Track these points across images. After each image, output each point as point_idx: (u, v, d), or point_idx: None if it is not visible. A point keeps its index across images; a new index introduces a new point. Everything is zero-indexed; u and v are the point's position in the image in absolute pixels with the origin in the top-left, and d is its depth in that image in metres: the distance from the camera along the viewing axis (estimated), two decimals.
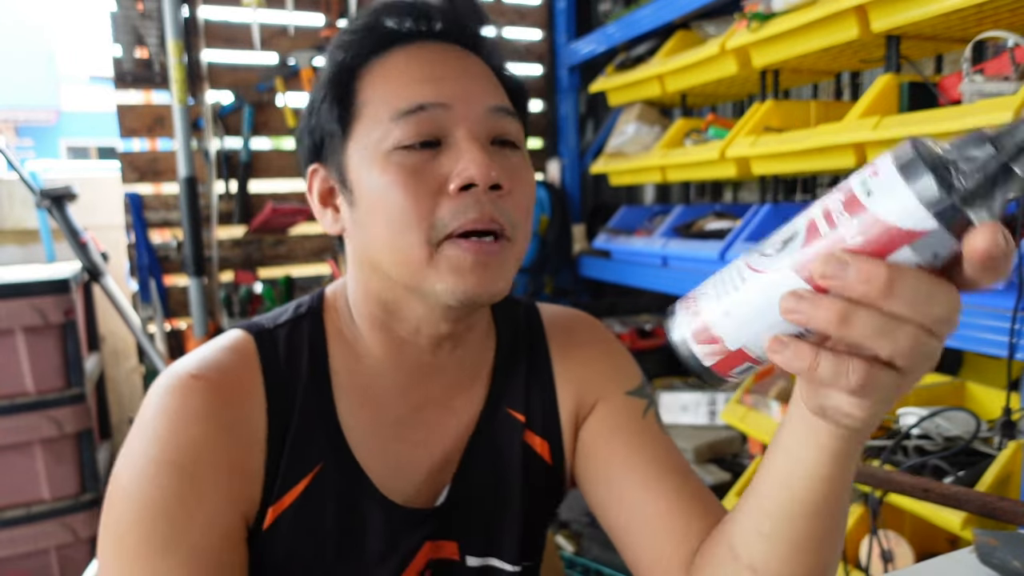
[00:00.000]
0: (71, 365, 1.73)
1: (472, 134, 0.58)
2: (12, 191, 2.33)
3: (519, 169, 0.62)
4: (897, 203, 0.32)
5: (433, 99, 0.58)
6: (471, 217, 0.57)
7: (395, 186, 0.57)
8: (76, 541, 1.72)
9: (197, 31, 2.02)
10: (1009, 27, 1.12)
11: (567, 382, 0.73)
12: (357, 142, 0.60)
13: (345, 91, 0.61)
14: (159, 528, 0.55)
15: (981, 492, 0.81)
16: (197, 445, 0.57)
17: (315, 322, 0.67)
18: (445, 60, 0.61)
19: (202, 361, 0.61)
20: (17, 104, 10.81)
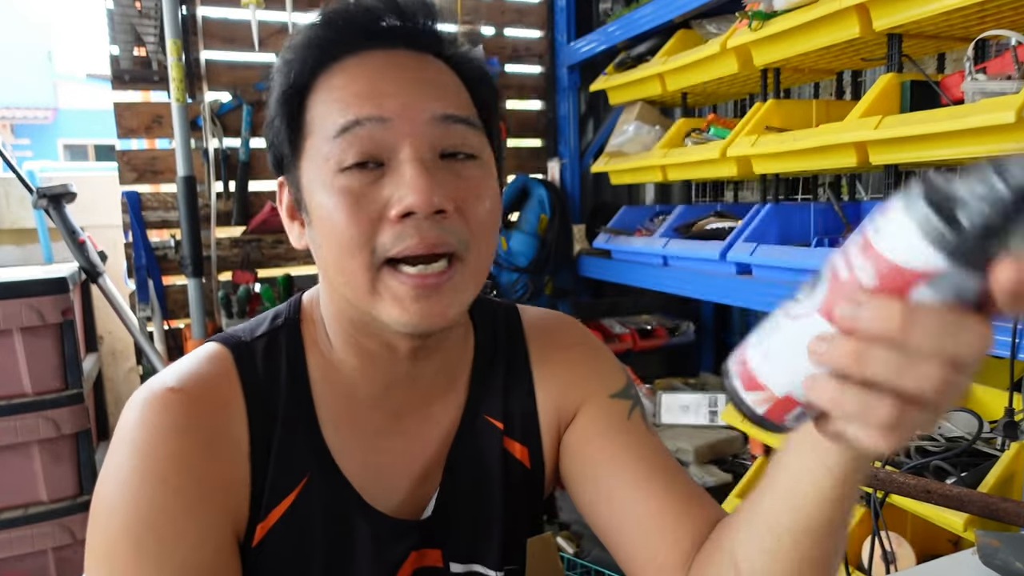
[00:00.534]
0: (69, 365, 1.72)
1: (415, 152, 0.55)
2: (9, 190, 2.32)
3: (472, 183, 0.58)
4: (902, 242, 0.32)
5: (370, 113, 0.56)
6: (410, 244, 0.55)
7: (338, 211, 0.55)
8: (74, 542, 1.72)
9: (196, 30, 2.01)
10: (1011, 26, 1.11)
11: (548, 386, 0.72)
12: (308, 161, 0.59)
13: (294, 110, 0.59)
14: (148, 543, 0.54)
15: (983, 493, 0.81)
16: (179, 458, 0.56)
17: (292, 334, 0.65)
18: (389, 69, 0.58)
19: (179, 374, 0.60)
20: (14, 103, 10.79)
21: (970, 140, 1.03)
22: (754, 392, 0.40)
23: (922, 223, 0.31)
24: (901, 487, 0.87)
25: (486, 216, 0.59)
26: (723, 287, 1.52)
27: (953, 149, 1.06)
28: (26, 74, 10.73)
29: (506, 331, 0.74)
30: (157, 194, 2.07)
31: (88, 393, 1.80)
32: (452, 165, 0.58)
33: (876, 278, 0.33)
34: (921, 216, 0.31)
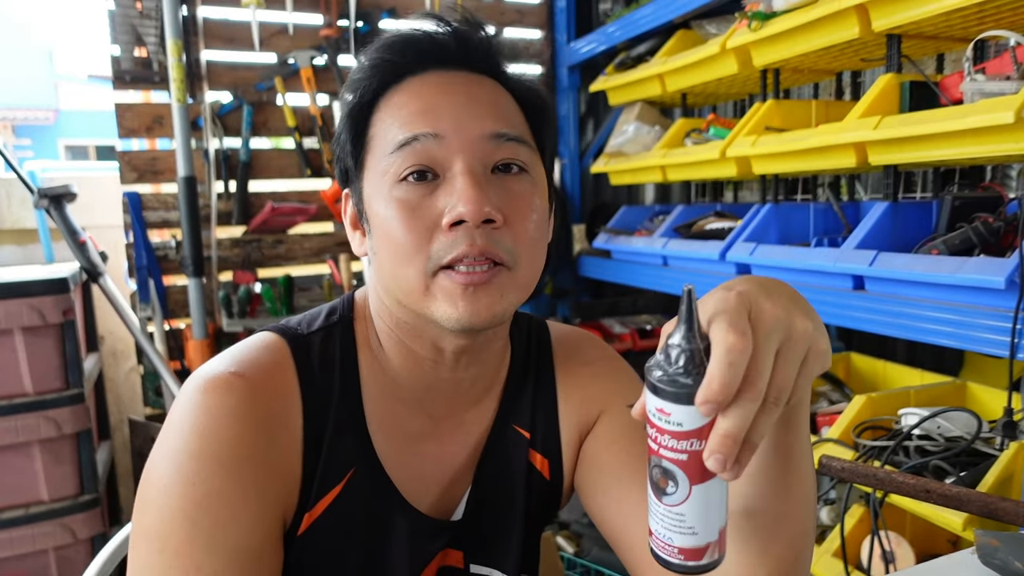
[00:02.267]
0: (70, 365, 1.72)
1: (467, 166, 0.59)
2: (10, 191, 2.32)
3: (521, 197, 0.62)
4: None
5: (425, 129, 0.60)
6: (461, 251, 0.58)
7: (395, 221, 0.59)
8: (75, 542, 1.72)
9: (196, 30, 2.01)
10: (1010, 26, 1.12)
11: (570, 400, 0.75)
12: (369, 174, 0.63)
13: (359, 127, 0.64)
14: (203, 525, 0.55)
15: (982, 493, 0.81)
16: (238, 443, 0.57)
17: (346, 331, 0.68)
18: (446, 89, 0.62)
19: (240, 360, 0.62)
20: (15, 103, 10.80)
21: (969, 140, 1.03)
22: (700, 559, 0.45)
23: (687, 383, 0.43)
24: (900, 487, 0.87)
25: (534, 228, 0.63)
26: None
27: (952, 149, 1.06)
28: (27, 75, 10.74)
29: (537, 345, 0.77)
30: (158, 194, 2.07)
31: (89, 393, 1.80)
32: (503, 179, 0.62)
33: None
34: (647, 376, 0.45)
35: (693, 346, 0.42)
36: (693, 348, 0.42)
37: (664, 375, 0.43)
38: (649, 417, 0.44)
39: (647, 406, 0.44)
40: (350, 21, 2.12)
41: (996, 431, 1.08)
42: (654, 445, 0.44)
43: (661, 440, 0.44)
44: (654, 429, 0.44)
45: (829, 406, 1.43)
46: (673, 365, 0.43)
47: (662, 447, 0.44)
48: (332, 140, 0.68)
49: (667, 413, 0.43)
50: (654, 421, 0.44)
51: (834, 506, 1.31)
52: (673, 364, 0.43)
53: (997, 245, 1.08)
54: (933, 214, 1.24)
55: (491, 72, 0.65)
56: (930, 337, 1.07)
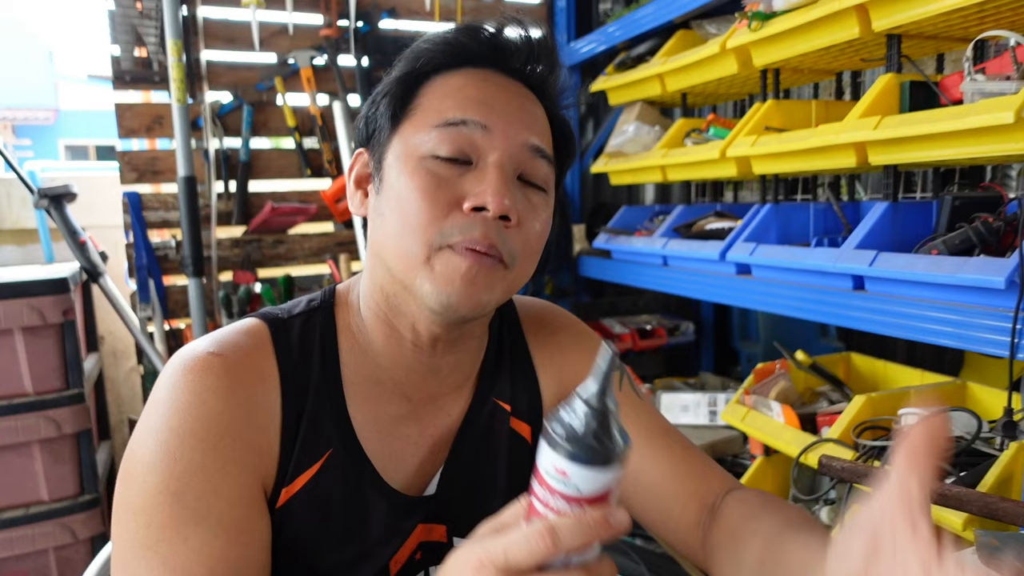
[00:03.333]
0: (70, 365, 1.72)
1: (501, 163, 0.62)
2: (10, 191, 2.33)
3: (535, 209, 0.66)
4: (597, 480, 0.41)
5: (476, 117, 0.63)
6: (473, 236, 0.60)
7: (417, 190, 0.61)
8: (75, 542, 1.72)
9: (196, 30, 2.01)
10: (1011, 26, 1.11)
11: (547, 369, 0.79)
12: (400, 138, 0.65)
13: (406, 94, 0.66)
14: (187, 498, 0.57)
15: (983, 493, 0.81)
16: (217, 418, 0.59)
17: (326, 315, 0.70)
18: (503, 91, 0.66)
19: (219, 341, 0.64)
20: (15, 103, 10.80)
21: (969, 140, 1.03)
22: None
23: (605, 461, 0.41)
24: None
25: (536, 239, 0.67)
26: (723, 287, 1.52)
27: (952, 149, 1.06)
28: (27, 75, 10.74)
29: (508, 321, 0.80)
30: (158, 194, 2.07)
31: (89, 393, 1.80)
32: (524, 188, 0.65)
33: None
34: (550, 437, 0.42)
35: (605, 408, 0.41)
36: (606, 410, 0.41)
37: (571, 434, 0.40)
38: (541, 475, 0.41)
39: (541, 462, 0.42)
40: (350, 21, 2.12)
41: (996, 431, 1.08)
42: (539, 505, 0.42)
43: (550, 501, 0.41)
44: (544, 488, 0.41)
45: (829, 406, 1.43)
46: (583, 424, 0.40)
47: (549, 508, 0.41)
48: (369, 99, 0.70)
49: (565, 474, 0.40)
50: (548, 481, 0.41)
51: (834, 506, 1.31)
52: (583, 423, 0.40)
53: (997, 245, 1.08)
54: (933, 214, 1.24)
55: (540, 94, 0.69)
56: (930, 337, 1.06)
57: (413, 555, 0.70)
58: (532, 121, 0.66)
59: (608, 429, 0.41)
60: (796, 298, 1.31)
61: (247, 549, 0.59)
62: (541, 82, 0.69)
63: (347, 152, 2.03)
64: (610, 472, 0.41)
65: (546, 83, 0.70)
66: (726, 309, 2.38)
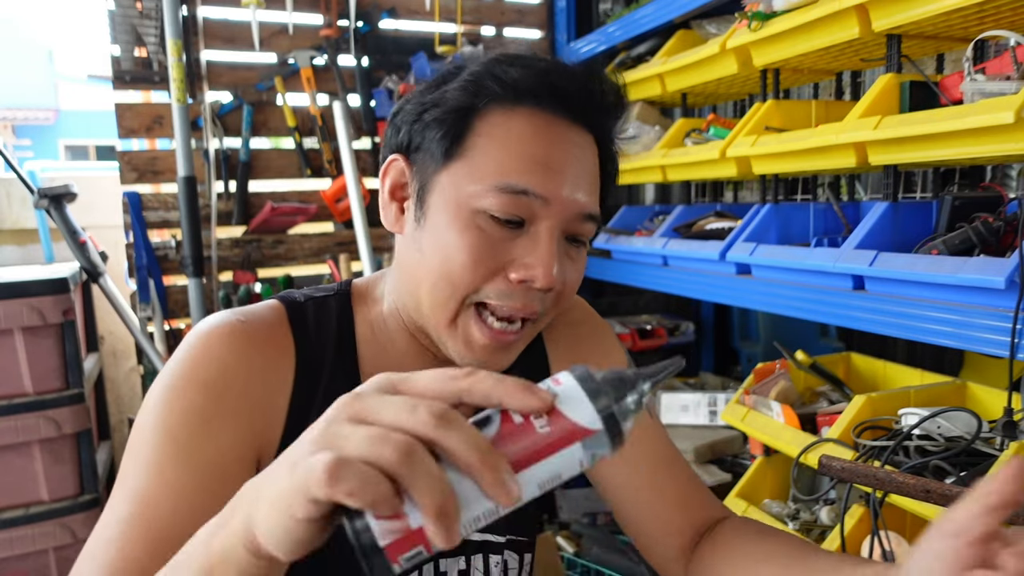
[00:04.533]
0: (70, 365, 1.72)
1: (555, 233, 0.62)
2: (10, 191, 2.33)
3: (579, 270, 0.67)
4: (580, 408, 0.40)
5: (538, 190, 0.61)
6: (512, 306, 0.61)
7: (466, 248, 0.60)
8: (75, 542, 1.72)
9: (196, 30, 2.01)
10: (1011, 26, 1.11)
11: (562, 366, 0.78)
12: (452, 177, 0.62)
13: (461, 123, 0.62)
14: (179, 436, 0.58)
15: None
16: (228, 371, 0.61)
17: (343, 303, 0.71)
18: (565, 145, 0.63)
19: (245, 311, 0.66)
20: (15, 103, 10.80)
21: (969, 140, 1.03)
22: (387, 521, 0.38)
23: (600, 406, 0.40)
24: (900, 487, 0.87)
25: (572, 293, 0.68)
26: (723, 287, 1.52)
27: (952, 149, 1.06)
28: (27, 75, 10.74)
29: None
30: (158, 194, 2.07)
31: (89, 393, 1.80)
32: (569, 249, 0.65)
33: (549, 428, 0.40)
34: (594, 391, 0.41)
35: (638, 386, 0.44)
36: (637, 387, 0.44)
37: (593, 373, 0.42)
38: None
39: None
40: (350, 21, 2.12)
41: (996, 431, 1.08)
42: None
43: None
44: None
45: (829, 406, 1.43)
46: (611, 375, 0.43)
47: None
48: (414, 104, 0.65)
49: (558, 382, 0.42)
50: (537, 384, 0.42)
51: (834, 506, 1.31)
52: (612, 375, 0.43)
53: (997, 245, 1.08)
54: (933, 214, 1.24)
55: (597, 137, 0.67)
56: (930, 337, 1.06)
57: None
58: (589, 182, 0.65)
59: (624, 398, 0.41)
60: (796, 298, 1.31)
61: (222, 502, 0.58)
62: (601, 128, 0.67)
63: (347, 152, 2.02)
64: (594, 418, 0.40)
65: (606, 128, 0.68)
66: (726, 309, 2.38)
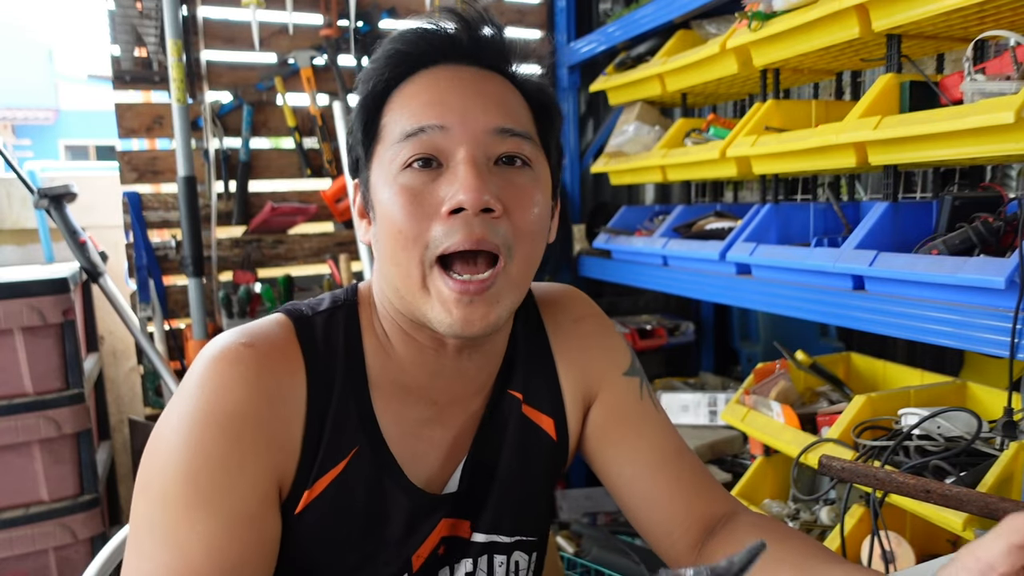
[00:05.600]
0: (70, 365, 1.72)
1: (470, 156, 0.60)
2: (11, 191, 2.32)
3: (523, 189, 0.63)
4: None
5: (432, 121, 0.61)
6: (458, 239, 0.59)
7: (397, 207, 0.61)
8: (75, 542, 1.72)
9: (196, 30, 2.01)
10: (1011, 26, 1.11)
11: (568, 362, 0.78)
12: (377, 163, 0.64)
13: (370, 117, 0.65)
14: (202, 486, 0.57)
15: (983, 493, 0.81)
16: (242, 407, 0.60)
17: (350, 314, 0.70)
18: (455, 83, 0.63)
19: (251, 333, 0.64)
20: (16, 103, 10.80)
21: (969, 140, 1.03)
22: None
23: None
24: (900, 487, 0.87)
25: (533, 221, 0.64)
26: (723, 287, 1.52)
27: (952, 149, 1.06)
28: (27, 75, 10.74)
29: (524, 309, 0.78)
30: (158, 194, 2.07)
31: (89, 393, 1.80)
32: (505, 171, 0.63)
33: None
34: None
35: None
36: None
37: None
38: None
39: None
40: (350, 21, 2.12)
41: (996, 431, 1.08)
42: None
43: None
44: None
45: (829, 406, 1.43)
46: None
47: None
48: (346, 132, 0.70)
49: None
50: None
51: (834, 506, 1.31)
52: None
53: (997, 245, 1.08)
54: (933, 214, 1.24)
55: (501, 69, 0.66)
56: (930, 337, 1.06)
57: (436, 550, 0.70)
58: (493, 103, 0.63)
59: None
60: (796, 298, 1.31)
61: (252, 546, 0.59)
62: (496, 57, 0.66)
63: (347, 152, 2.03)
64: None
65: (501, 56, 0.66)
66: (726, 309, 2.38)
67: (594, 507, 1.86)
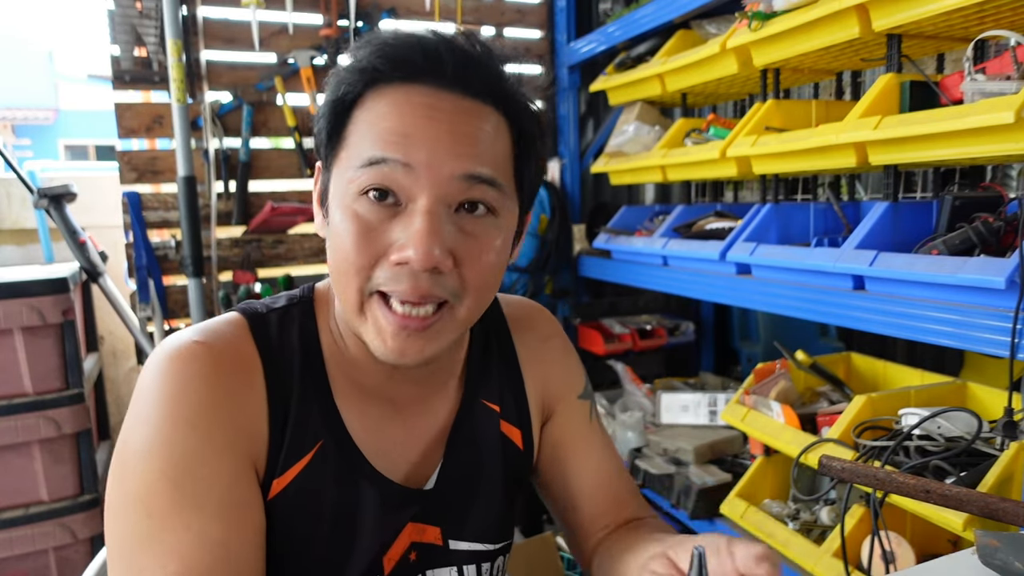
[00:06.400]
0: (69, 365, 1.72)
1: (429, 205, 0.57)
2: (10, 191, 2.32)
3: (480, 240, 0.60)
4: None
5: (397, 156, 0.57)
6: (401, 288, 0.58)
7: (348, 235, 0.59)
8: (75, 542, 1.72)
9: (196, 30, 2.01)
10: (1011, 26, 1.12)
11: (532, 375, 0.80)
12: (337, 172, 0.62)
13: (337, 120, 0.62)
14: (185, 485, 0.57)
15: (983, 493, 0.81)
16: (207, 404, 0.59)
17: (305, 311, 0.69)
18: (429, 113, 0.58)
19: (205, 331, 0.63)
20: (15, 103, 10.80)
21: (969, 140, 1.03)
22: None
23: None
24: (900, 487, 0.87)
25: (485, 272, 0.61)
26: (723, 287, 1.52)
27: (952, 149, 1.06)
28: (27, 75, 10.74)
29: (492, 320, 0.80)
30: (158, 194, 2.07)
31: (89, 393, 1.80)
32: (464, 220, 0.60)
33: None
34: None
35: None
36: None
37: None
38: None
39: None
40: (350, 21, 2.12)
41: (996, 431, 1.08)
42: None
43: None
44: None
45: (829, 406, 1.43)
46: None
47: None
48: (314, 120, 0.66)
49: None
50: None
51: (834, 506, 1.31)
52: None
53: (997, 245, 1.08)
54: (933, 214, 1.24)
55: (485, 95, 0.61)
56: (930, 337, 1.06)
57: (407, 555, 0.69)
58: (465, 145, 0.58)
59: None
60: (796, 298, 1.31)
61: (246, 533, 0.59)
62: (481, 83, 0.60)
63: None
64: None
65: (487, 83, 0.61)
66: (726, 309, 2.38)
67: None
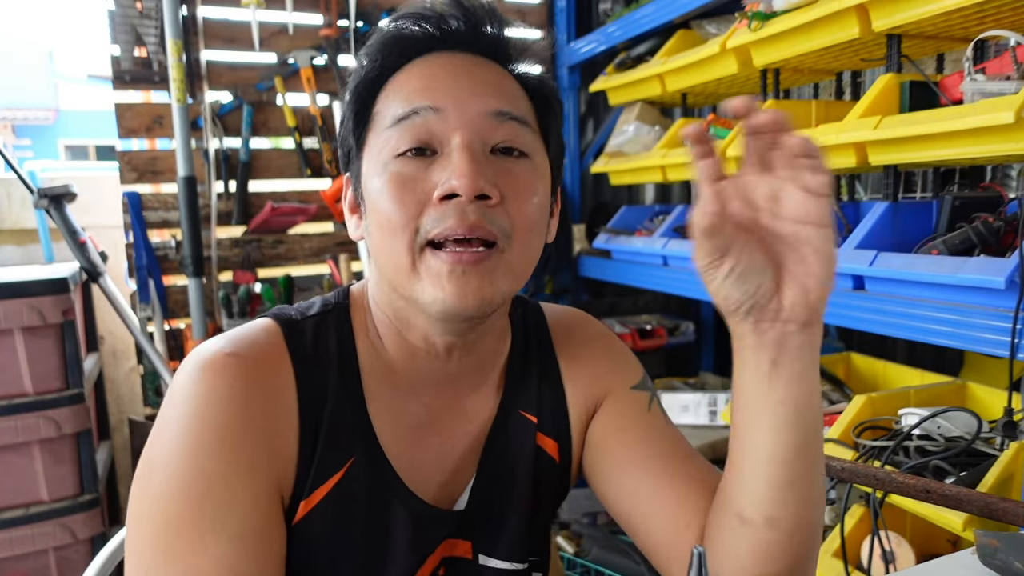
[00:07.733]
0: (70, 365, 1.72)
1: (465, 141, 0.58)
2: (11, 191, 2.32)
3: (519, 178, 0.60)
4: None
5: (425, 103, 0.58)
6: (449, 224, 0.56)
7: (386, 193, 0.58)
8: (75, 542, 1.72)
9: (196, 30, 2.02)
10: (1011, 26, 1.12)
11: (575, 383, 0.75)
12: (368, 152, 0.62)
13: (362, 106, 0.63)
14: (206, 506, 0.55)
15: (983, 493, 0.81)
16: (235, 422, 0.57)
17: (342, 317, 0.67)
18: (450, 68, 0.61)
19: (234, 340, 0.61)
20: (15, 103, 10.80)
21: (969, 140, 1.03)
22: None
23: None
24: (900, 487, 0.87)
25: (532, 211, 0.61)
26: None
27: (952, 149, 1.06)
28: (27, 75, 10.74)
29: (535, 329, 0.76)
30: (158, 194, 2.07)
31: (89, 393, 1.80)
32: (503, 161, 0.60)
33: None
34: None
35: None
36: None
37: None
38: None
39: None
40: (350, 21, 2.12)
41: (996, 431, 1.08)
42: None
43: None
44: None
45: (829, 406, 1.43)
46: None
47: None
48: (340, 123, 0.67)
49: None
50: None
51: (834, 506, 1.31)
52: None
53: (997, 245, 1.08)
54: (933, 214, 1.24)
55: (498, 58, 0.64)
56: (930, 337, 1.07)
57: (436, 571, 0.67)
58: (489, 87, 0.61)
59: None
60: None
61: (264, 559, 0.57)
62: (489, 42, 0.64)
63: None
64: None
65: (500, 47, 0.64)
66: None
67: (594, 507, 1.85)
